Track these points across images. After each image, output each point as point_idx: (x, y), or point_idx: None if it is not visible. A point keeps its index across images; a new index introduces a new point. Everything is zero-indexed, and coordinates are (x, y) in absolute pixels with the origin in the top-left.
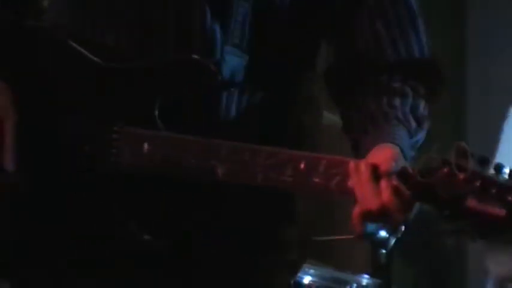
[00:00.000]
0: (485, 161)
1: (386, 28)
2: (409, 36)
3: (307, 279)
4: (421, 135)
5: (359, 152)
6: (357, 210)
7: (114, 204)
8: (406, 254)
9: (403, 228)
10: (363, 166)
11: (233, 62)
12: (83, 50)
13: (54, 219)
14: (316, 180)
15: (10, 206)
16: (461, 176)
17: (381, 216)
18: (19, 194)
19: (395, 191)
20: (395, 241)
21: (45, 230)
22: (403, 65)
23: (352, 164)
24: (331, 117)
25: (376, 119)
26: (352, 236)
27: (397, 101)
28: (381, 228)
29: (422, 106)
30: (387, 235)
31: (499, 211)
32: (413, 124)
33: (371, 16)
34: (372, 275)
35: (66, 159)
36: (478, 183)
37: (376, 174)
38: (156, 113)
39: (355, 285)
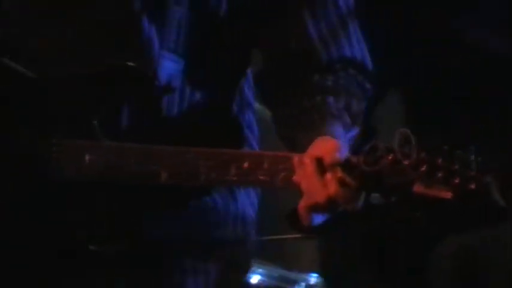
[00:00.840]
0: (429, 146)
1: (317, 31)
2: (340, 38)
3: (255, 279)
4: (355, 132)
5: (295, 149)
6: (303, 203)
7: (63, 215)
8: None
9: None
10: (307, 160)
11: (169, 67)
12: (16, 65)
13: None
14: (262, 177)
15: None
16: (406, 162)
17: (329, 207)
18: None
19: (341, 182)
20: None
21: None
22: (335, 66)
23: (296, 158)
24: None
25: (311, 115)
26: (300, 235)
27: (330, 99)
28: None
29: (355, 103)
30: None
31: (445, 194)
32: (348, 120)
33: (303, 19)
34: (320, 274)
35: (11, 177)
36: (423, 169)
37: (321, 166)
38: (96, 122)
39: (303, 284)
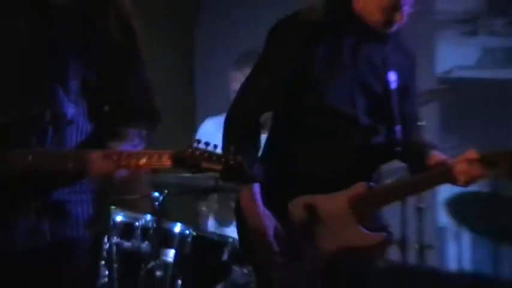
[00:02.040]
0: (208, 144)
1: (123, 92)
2: (139, 97)
3: (119, 218)
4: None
5: None
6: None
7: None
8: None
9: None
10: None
11: (71, 111)
12: None
13: None
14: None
15: None
16: (198, 152)
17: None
18: None
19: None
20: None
21: None
22: (136, 112)
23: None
24: None
25: (133, 138)
26: (138, 196)
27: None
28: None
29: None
30: (158, 195)
31: (218, 167)
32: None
33: (127, 86)
34: (151, 215)
35: None
36: (206, 155)
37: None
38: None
39: (143, 219)
